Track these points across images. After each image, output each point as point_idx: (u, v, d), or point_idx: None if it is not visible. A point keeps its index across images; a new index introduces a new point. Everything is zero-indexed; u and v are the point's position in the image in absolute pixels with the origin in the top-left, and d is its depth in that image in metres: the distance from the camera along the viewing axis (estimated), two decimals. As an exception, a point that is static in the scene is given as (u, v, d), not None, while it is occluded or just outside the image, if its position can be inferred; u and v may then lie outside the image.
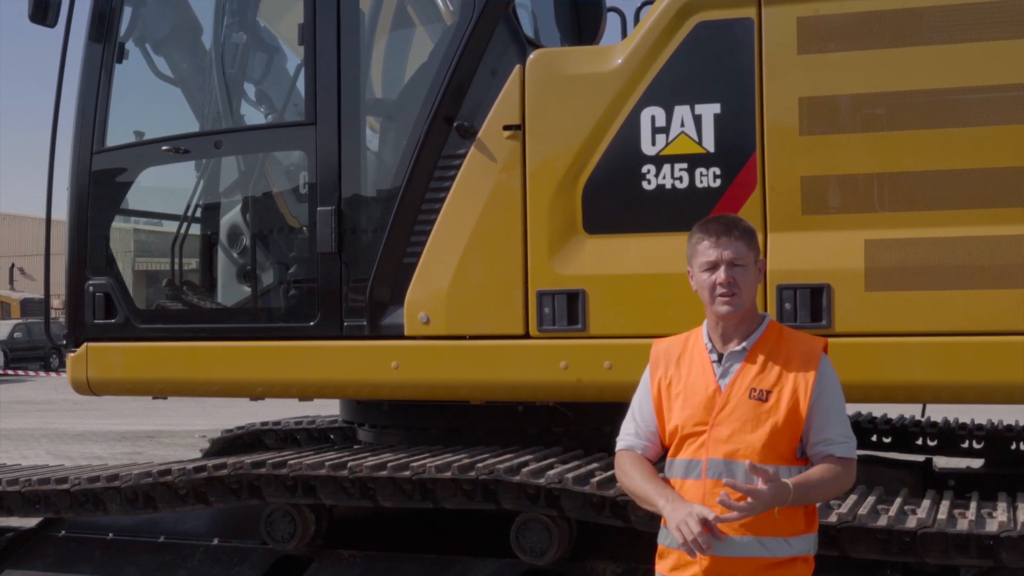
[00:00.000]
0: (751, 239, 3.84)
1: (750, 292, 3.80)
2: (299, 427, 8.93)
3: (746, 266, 3.79)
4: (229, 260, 6.75)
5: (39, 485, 6.31)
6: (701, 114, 5.40)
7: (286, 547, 5.89)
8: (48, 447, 19.52)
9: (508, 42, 5.80)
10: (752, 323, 3.85)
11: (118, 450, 18.92)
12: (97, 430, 22.39)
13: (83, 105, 6.67)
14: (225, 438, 9.25)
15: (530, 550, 5.41)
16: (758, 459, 3.63)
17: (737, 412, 3.73)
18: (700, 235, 3.88)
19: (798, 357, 3.77)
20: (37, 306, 58.27)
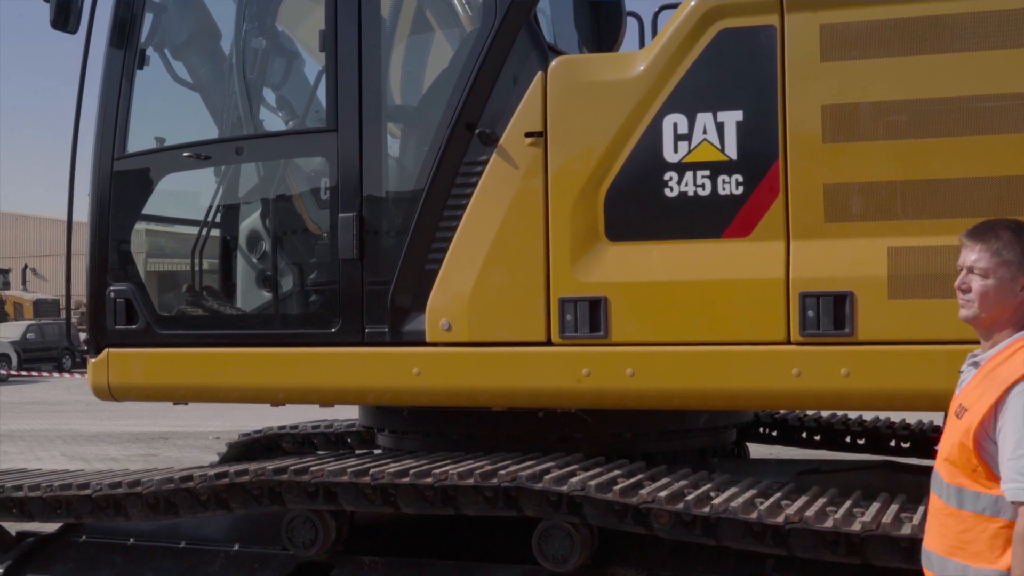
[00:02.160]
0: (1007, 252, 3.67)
1: (986, 304, 3.66)
2: (316, 431, 8.94)
3: (985, 276, 3.67)
4: (249, 266, 6.77)
5: (60, 491, 6.32)
6: (724, 121, 5.39)
7: (307, 553, 5.90)
8: (63, 448, 19.57)
9: (529, 49, 5.79)
10: (1000, 338, 3.69)
11: (132, 451, 18.96)
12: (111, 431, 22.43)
13: (104, 111, 6.69)
14: (242, 441, 9.25)
15: (552, 557, 5.40)
16: (947, 477, 3.59)
17: (947, 427, 3.70)
18: (964, 235, 3.82)
19: (999, 380, 3.56)
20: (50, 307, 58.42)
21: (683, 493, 5.13)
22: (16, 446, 20.24)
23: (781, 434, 8.43)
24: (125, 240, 6.72)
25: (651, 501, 5.03)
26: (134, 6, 6.73)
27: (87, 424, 24.13)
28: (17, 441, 21.05)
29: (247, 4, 7.12)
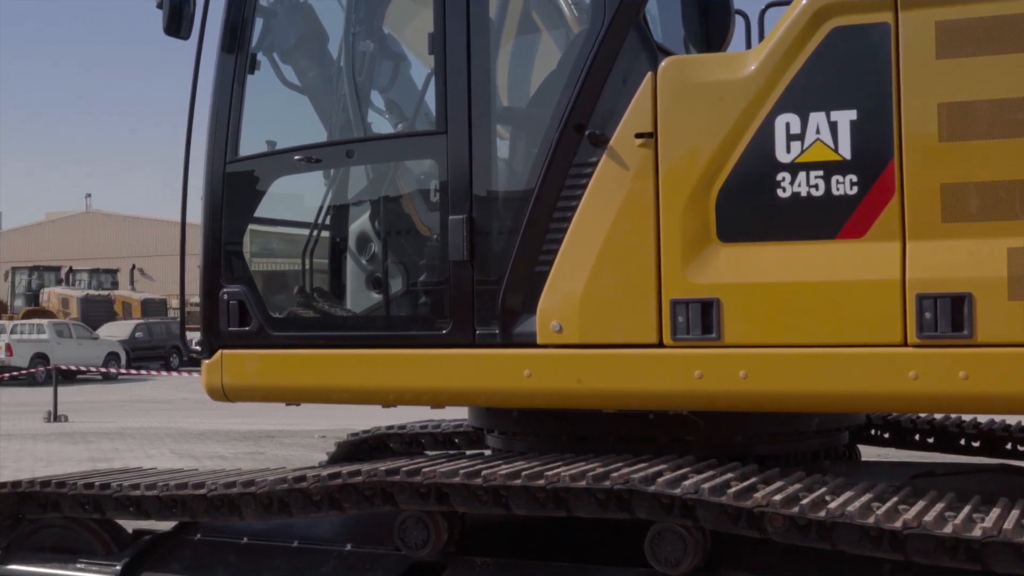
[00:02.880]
0: None
1: None
2: (424, 431, 8.99)
3: None
4: (359, 268, 6.82)
5: (176, 490, 6.41)
6: (837, 121, 5.33)
7: (419, 554, 5.92)
8: (172, 446, 19.90)
9: (639, 50, 5.77)
10: None
11: (240, 449, 19.23)
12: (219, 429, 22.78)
13: (216, 115, 6.78)
14: (351, 441, 9.33)
15: (665, 560, 5.37)
16: None
17: None
18: None
19: None
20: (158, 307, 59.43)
21: (798, 496, 5.07)
22: (127, 443, 20.62)
23: (894, 436, 8.32)
24: (237, 242, 6.81)
25: (765, 504, 4.98)
26: (245, 11, 6.82)
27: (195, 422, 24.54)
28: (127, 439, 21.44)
29: (354, 8, 7.17)
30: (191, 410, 27.61)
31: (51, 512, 6.93)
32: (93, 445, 20.41)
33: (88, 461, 17.38)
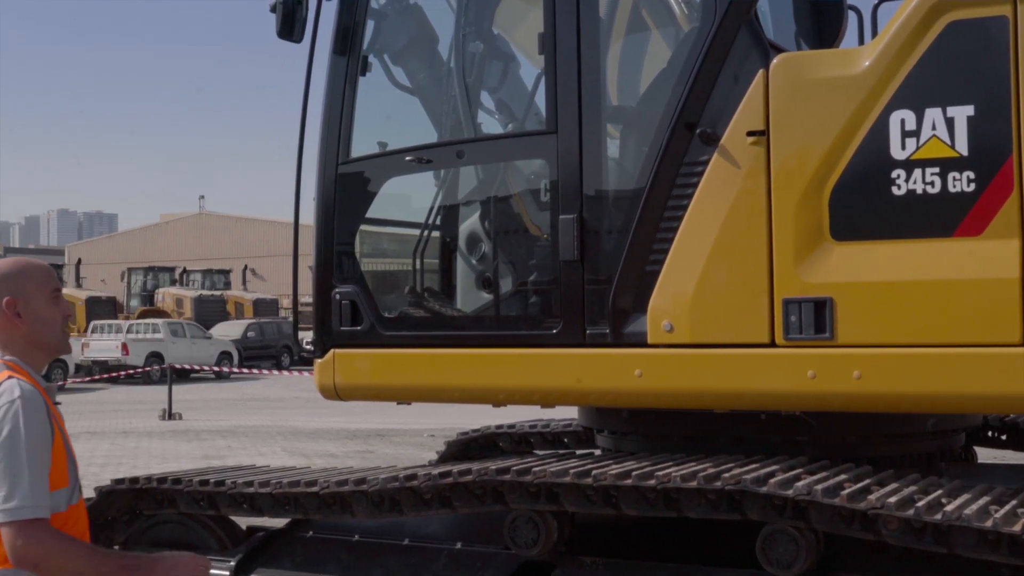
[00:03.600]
0: None
1: None
2: (533, 431, 9.00)
3: None
4: (470, 267, 6.84)
5: (289, 487, 6.49)
6: (953, 116, 5.24)
7: (529, 553, 5.93)
8: (283, 444, 20.14)
9: (751, 47, 5.73)
10: None
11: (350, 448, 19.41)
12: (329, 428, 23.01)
13: (329, 117, 6.85)
14: (460, 440, 9.38)
15: (776, 562, 5.32)
16: None
17: None
18: None
19: None
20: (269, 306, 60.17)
21: (913, 499, 4.99)
22: (239, 441, 20.91)
23: (1011, 438, 8.16)
24: (349, 242, 6.88)
25: (880, 507, 4.91)
26: (356, 14, 6.88)
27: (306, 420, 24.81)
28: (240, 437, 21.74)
29: (464, 9, 7.20)
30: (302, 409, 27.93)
31: (167, 508, 7.06)
32: (207, 443, 20.73)
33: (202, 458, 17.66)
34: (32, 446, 3.50)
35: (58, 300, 3.84)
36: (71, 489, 3.70)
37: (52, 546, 3.46)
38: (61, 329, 3.87)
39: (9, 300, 3.73)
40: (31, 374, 3.73)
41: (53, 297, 3.82)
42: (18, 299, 3.74)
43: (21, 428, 3.50)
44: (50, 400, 3.71)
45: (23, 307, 3.75)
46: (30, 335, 3.78)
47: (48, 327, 3.81)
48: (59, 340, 3.87)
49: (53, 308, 3.82)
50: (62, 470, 3.64)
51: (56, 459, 3.60)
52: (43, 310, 3.79)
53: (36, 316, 3.77)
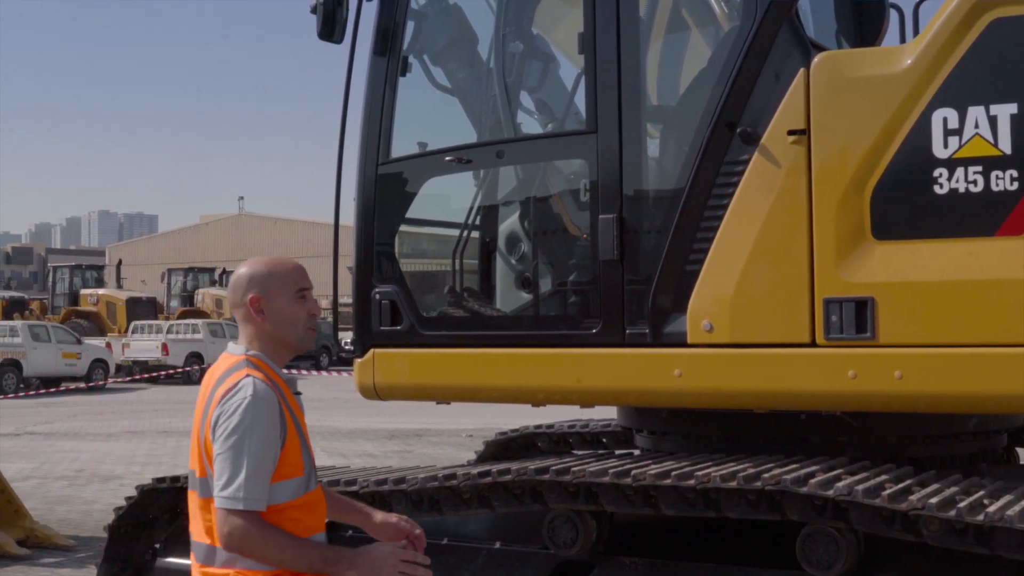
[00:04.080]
0: None
1: None
2: (572, 431, 8.99)
3: None
4: (509, 267, 6.85)
5: (328, 486, 6.49)
6: (997, 115, 5.19)
7: (568, 552, 5.92)
8: (323, 444, 20.21)
9: (791, 46, 5.70)
10: None
11: (389, 448, 19.47)
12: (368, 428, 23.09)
13: (369, 117, 6.87)
14: (499, 440, 9.38)
15: (817, 563, 5.30)
16: None
17: None
18: None
19: None
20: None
21: (955, 499, 4.96)
22: (279, 441, 20.96)
23: (1054, 439, 8.10)
24: (389, 243, 6.89)
25: (921, 507, 4.88)
26: (396, 14, 6.89)
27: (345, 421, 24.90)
28: (279, 436, 21.79)
29: (504, 9, 7.20)
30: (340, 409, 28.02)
31: (208, 507, 7.08)
32: (246, 442, 20.79)
33: (242, 458, 17.70)
34: (256, 443, 3.72)
35: (303, 299, 4.02)
36: (306, 477, 3.92)
37: (257, 537, 3.69)
38: (304, 328, 4.03)
39: (253, 298, 3.95)
40: (273, 368, 3.96)
41: (298, 296, 4.01)
42: (262, 297, 3.95)
43: (249, 426, 3.72)
44: (289, 392, 3.94)
45: (266, 305, 3.96)
46: (273, 332, 3.98)
47: (289, 325, 3.99)
48: (300, 338, 4.04)
49: (296, 307, 4.00)
50: (296, 461, 3.87)
51: (290, 451, 3.83)
52: (285, 308, 3.98)
53: (278, 314, 3.97)
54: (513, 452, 9.16)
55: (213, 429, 3.77)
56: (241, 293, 3.98)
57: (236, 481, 3.69)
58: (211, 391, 3.88)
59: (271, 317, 3.96)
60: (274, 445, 3.78)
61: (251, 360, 3.91)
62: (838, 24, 7.26)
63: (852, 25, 7.19)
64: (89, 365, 38.61)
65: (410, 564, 3.86)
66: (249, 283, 3.97)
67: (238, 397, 3.76)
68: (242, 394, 3.76)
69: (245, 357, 3.93)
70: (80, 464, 18.18)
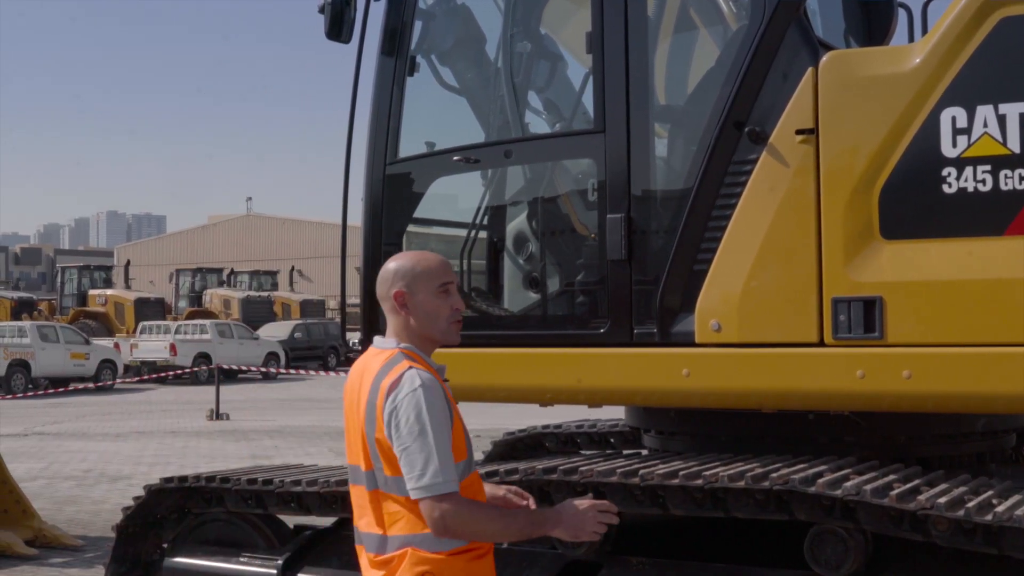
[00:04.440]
0: None
1: None
2: (580, 431, 8.98)
3: None
4: (517, 267, 6.84)
5: (337, 486, 6.51)
6: (1006, 114, 5.18)
7: (575, 553, 5.92)
8: (330, 444, 20.22)
9: (800, 45, 5.69)
10: None
11: (397, 449, 19.42)
12: (376, 429, 23.01)
13: (377, 117, 6.87)
14: (506, 440, 9.38)
15: (825, 563, 5.29)
16: None
17: None
18: None
19: None
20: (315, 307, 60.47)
21: (963, 499, 4.95)
22: (287, 441, 21.01)
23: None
24: (397, 242, 6.88)
25: (930, 507, 4.87)
26: (404, 14, 6.89)
27: (352, 421, 24.81)
28: (287, 437, 21.84)
29: (512, 9, 7.20)
30: (349, 409, 27.96)
31: (215, 507, 7.10)
32: (254, 443, 20.84)
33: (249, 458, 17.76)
34: (437, 428, 3.81)
35: (446, 294, 4.10)
36: (469, 459, 4.02)
37: (466, 514, 3.81)
38: (446, 322, 4.10)
39: (397, 292, 4.06)
40: (426, 360, 4.04)
41: (441, 291, 4.09)
42: (406, 292, 4.06)
43: (425, 413, 3.80)
44: (441, 380, 4.02)
45: (409, 299, 4.05)
46: (416, 326, 4.07)
47: (432, 320, 4.07)
48: (443, 332, 4.11)
49: (439, 301, 4.08)
50: (461, 444, 3.96)
51: (456, 435, 3.92)
52: (428, 303, 4.06)
53: (421, 308, 4.06)
54: (520, 452, 9.15)
55: (388, 425, 3.85)
56: (387, 287, 4.10)
57: (431, 468, 3.77)
58: (372, 385, 3.95)
59: (414, 311, 4.05)
60: (449, 428, 3.87)
61: (405, 352, 4.00)
62: (846, 24, 7.26)
63: (860, 25, 7.19)
64: (97, 365, 38.67)
65: (606, 513, 4.03)
66: (394, 277, 4.09)
67: (407, 389, 3.84)
68: (410, 385, 3.84)
69: (399, 350, 4.01)
70: (88, 464, 18.21)
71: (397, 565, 3.90)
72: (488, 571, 4.03)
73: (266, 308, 58.20)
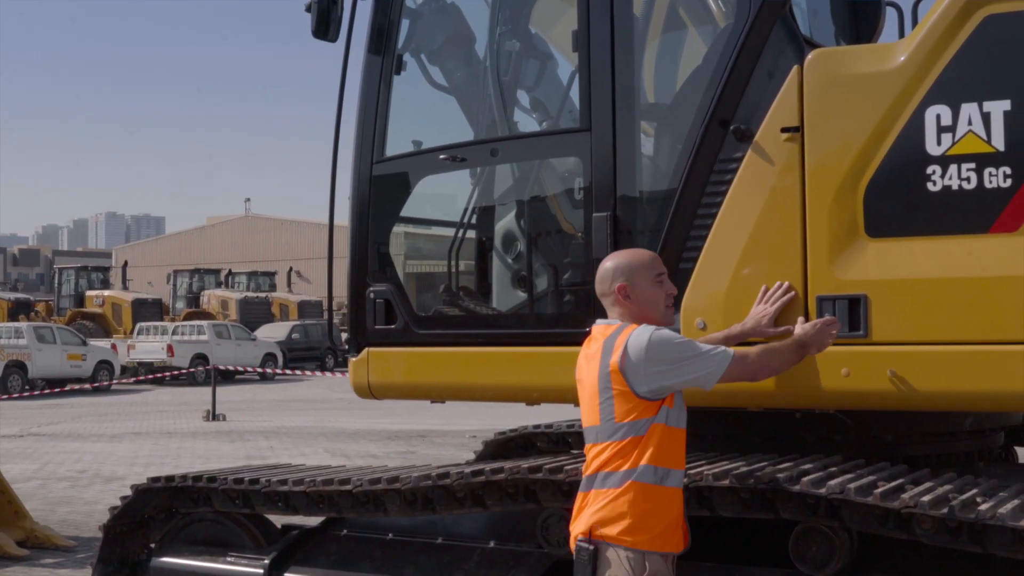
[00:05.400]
0: None
1: None
2: (571, 430, 8.96)
3: None
4: (504, 266, 6.83)
5: (323, 486, 6.51)
6: (990, 111, 5.16)
7: (561, 552, 5.90)
8: (326, 445, 20.23)
9: (785, 43, 5.67)
10: None
11: (392, 449, 19.45)
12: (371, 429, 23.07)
13: (364, 116, 6.86)
14: (498, 440, 9.37)
15: (811, 561, 5.29)
16: None
17: None
18: None
19: None
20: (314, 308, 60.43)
21: (948, 498, 4.93)
22: (282, 442, 21.01)
23: (1052, 438, 8.06)
24: (384, 242, 6.88)
25: (914, 505, 4.85)
26: (391, 13, 6.88)
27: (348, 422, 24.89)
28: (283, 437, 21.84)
29: (501, 7, 7.19)
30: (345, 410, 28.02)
31: (202, 507, 7.09)
32: (249, 443, 20.83)
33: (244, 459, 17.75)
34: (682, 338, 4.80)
35: (661, 283, 4.86)
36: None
37: (757, 360, 4.90)
38: (664, 305, 4.87)
39: (620, 286, 4.79)
40: None
41: (657, 280, 4.85)
42: (627, 285, 4.79)
43: (669, 335, 4.69)
44: None
45: (632, 291, 4.79)
46: (639, 313, 4.78)
47: (652, 306, 4.83)
48: (662, 315, 4.86)
49: (657, 290, 4.85)
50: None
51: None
52: (648, 292, 4.82)
53: (643, 298, 4.81)
54: (512, 452, 9.13)
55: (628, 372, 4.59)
56: (608, 283, 4.83)
57: (707, 356, 4.70)
58: (604, 348, 4.67)
59: (637, 300, 4.78)
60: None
61: (626, 325, 4.71)
62: (834, 22, 7.23)
63: (848, 23, 7.16)
64: (94, 366, 38.67)
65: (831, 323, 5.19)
66: (615, 274, 4.81)
67: (644, 334, 4.61)
68: (645, 331, 4.63)
69: (621, 324, 4.73)
70: (83, 465, 18.19)
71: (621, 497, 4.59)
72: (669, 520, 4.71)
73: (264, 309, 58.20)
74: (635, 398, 4.59)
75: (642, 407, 4.61)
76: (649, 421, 4.62)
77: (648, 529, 4.57)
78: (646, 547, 4.57)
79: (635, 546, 4.55)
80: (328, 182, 7.02)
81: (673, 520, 4.71)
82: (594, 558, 4.59)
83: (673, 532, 4.71)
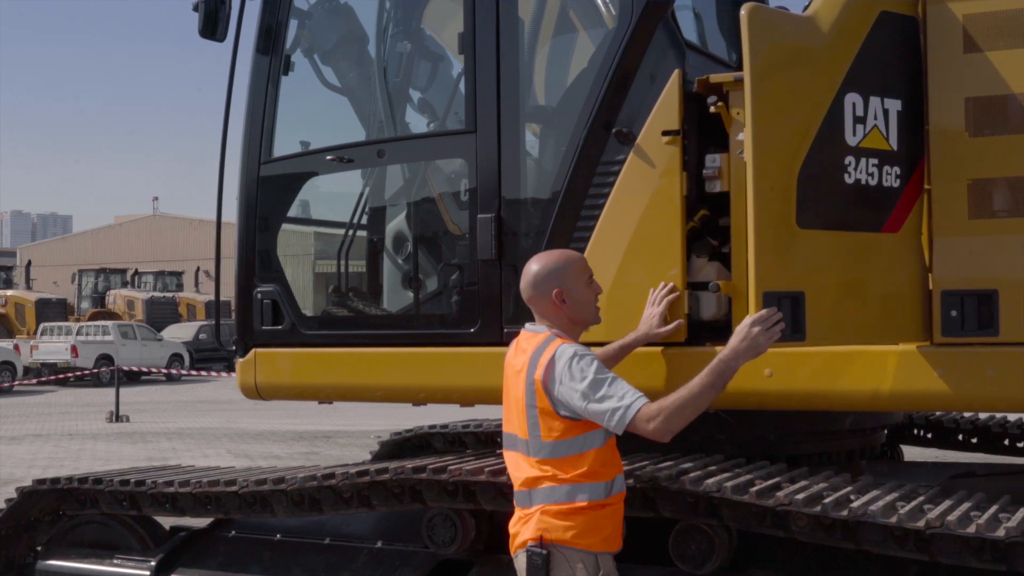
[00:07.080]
0: None
1: None
2: (467, 430, 9.01)
3: None
4: (393, 267, 6.84)
5: (209, 487, 6.48)
6: (888, 108, 5.10)
7: (447, 551, 5.94)
8: (229, 446, 20.06)
9: (667, 47, 5.72)
10: None
11: (296, 450, 19.34)
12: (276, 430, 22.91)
13: (251, 116, 6.84)
14: (394, 440, 9.40)
15: (690, 559, 5.35)
16: None
17: None
18: None
19: None
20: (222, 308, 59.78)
21: (822, 495, 5.02)
22: (185, 443, 20.80)
23: (936, 436, 8.23)
24: (271, 242, 6.87)
25: (788, 503, 4.93)
26: (280, 13, 6.87)
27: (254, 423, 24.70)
28: (186, 439, 21.63)
29: (393, 8, 7.20)
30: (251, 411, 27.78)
31: (89, 509, 7.03)
32: (152, 445, 20.60)
33: (145, 460, 17.54)
34: (603, 371, 4.53)
35: (591, 283, 4.82)
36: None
37: (671, 408, 4.45)
38: (594, 306, 4.85)
39: (558, 291, 4.70)
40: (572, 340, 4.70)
41: (589, 282, 4.81)
42: (564, 289, 4.71)
43: (589, 366, 4.49)
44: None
45: (568, 295, 4.71)
46: (572, 315, 4.75)
47: (586, 308, 4.80)
48: (594, 315, 4.87)
49: (589, 291, 4.80)
50: None
51: None
52: (582, 295, 4.76)
53: (579, 300, 4.75)
54: (408, 452, 9.17)
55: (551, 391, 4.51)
56: (542, 288, 4.71)
57: (620, 396, 4.44)
58: (530, 362, 4.60)
59: (573, 304, 4.72)
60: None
61: (555, 335, 4.65)
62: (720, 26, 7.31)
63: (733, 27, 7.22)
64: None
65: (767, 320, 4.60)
66: (548, 278, 4.71)
67: (567, 355, 4.50)
68: (568, 352, 4.51)
69: (550, 333, 4.67)
70: (-21, 468, 17.90)
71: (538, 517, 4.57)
72: (616, 522, 4.71)
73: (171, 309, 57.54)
74: (558, 417, 4.55)
75: (566, 426, 4.55)
76: (585, 438, 4.59)
77: (600, 531, 4.61)
78: (600, 548, 4.61)
79: (590, 548, 4.57)
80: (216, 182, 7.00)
81: (620, 520, 4.77)
82: (547, 563, 4.56)
83: (620, 532, 4.77)
